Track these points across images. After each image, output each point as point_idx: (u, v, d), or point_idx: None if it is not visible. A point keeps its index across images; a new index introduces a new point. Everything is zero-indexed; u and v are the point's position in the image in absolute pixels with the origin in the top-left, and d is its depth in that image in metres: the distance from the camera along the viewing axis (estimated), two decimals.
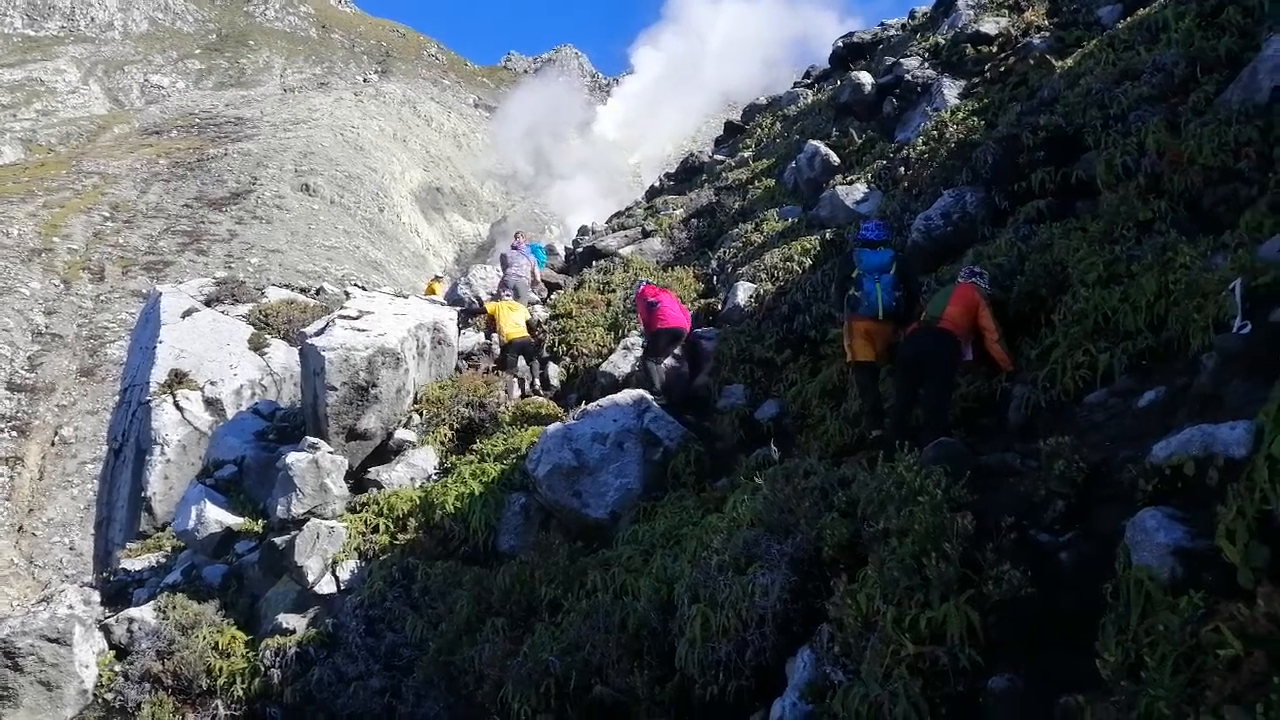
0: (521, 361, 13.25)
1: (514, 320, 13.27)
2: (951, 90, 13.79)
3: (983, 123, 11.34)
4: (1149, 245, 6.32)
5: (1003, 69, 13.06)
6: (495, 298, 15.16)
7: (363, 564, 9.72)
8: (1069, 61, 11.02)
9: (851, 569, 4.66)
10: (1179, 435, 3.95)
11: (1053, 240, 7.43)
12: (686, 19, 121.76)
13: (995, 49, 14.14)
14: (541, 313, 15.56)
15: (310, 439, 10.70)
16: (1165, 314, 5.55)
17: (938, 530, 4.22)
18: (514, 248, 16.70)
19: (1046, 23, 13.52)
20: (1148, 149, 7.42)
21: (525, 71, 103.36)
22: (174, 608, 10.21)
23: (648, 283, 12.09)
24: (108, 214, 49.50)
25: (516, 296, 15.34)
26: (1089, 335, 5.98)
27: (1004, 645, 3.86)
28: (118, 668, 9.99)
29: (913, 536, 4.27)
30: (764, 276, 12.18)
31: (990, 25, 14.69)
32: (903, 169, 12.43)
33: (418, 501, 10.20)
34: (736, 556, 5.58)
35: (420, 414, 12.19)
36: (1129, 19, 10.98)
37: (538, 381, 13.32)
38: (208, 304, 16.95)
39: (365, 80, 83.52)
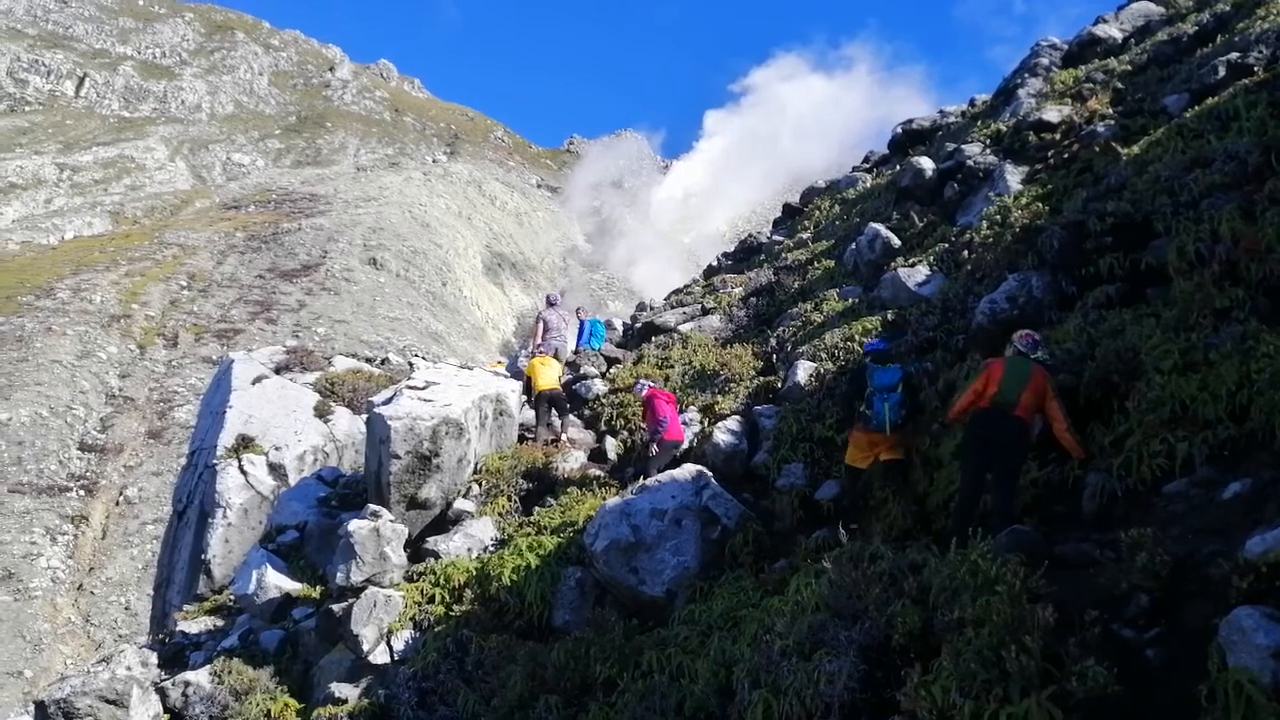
0: (554, 413, 14.03)
1: (547, 374, 14.13)
2: (1014, 176, 13.80)
3: (1047, 208, 11.30)
4: (1227, 333, 6.18)
5: (1066, 155, 13.05)
6: (535, 353, 15.44)
7: (417, 634, 9.70)
8: (1135, 149, 10.99)
9: (924, 659, 4.52)
10: (1275, 531, 3.80)
11: (1124, 326, 7.32)
12: (758, 101, 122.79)
13: (1058, 136, 14.15)
14: (600, 386, 15.69)
15: (372, 506, 10.84)
16: (1248, 404, 5.40)
17: (1017, 621, 4.08)
18: (550, 303, 17.10)
19: (1110, 111, 13.54)
20: (1222, 236, 7.31)
21: (587, 155, 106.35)
22: (229, 673, 10.27)
23: (651, 385, 12.13)
24: (185, 283, 51.74)
25: (556, 357, 15.84)
26: (1166, 423, 5.82)
27: None
28: None
29: (990, 627, 4.14)
30: (824, 355, 12.15)
31: (1053, 113, 14.73)
32: (965, 252, 12.39)
33: (474, 572, 10.19)
34: (801, 641, 5.45)
35: (480, 484, 12.28)
36: (1197, 108, 10.96)
37: (564, 433, 13.95)
38: (277, 371, 17.47)
39: (434, 161, 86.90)
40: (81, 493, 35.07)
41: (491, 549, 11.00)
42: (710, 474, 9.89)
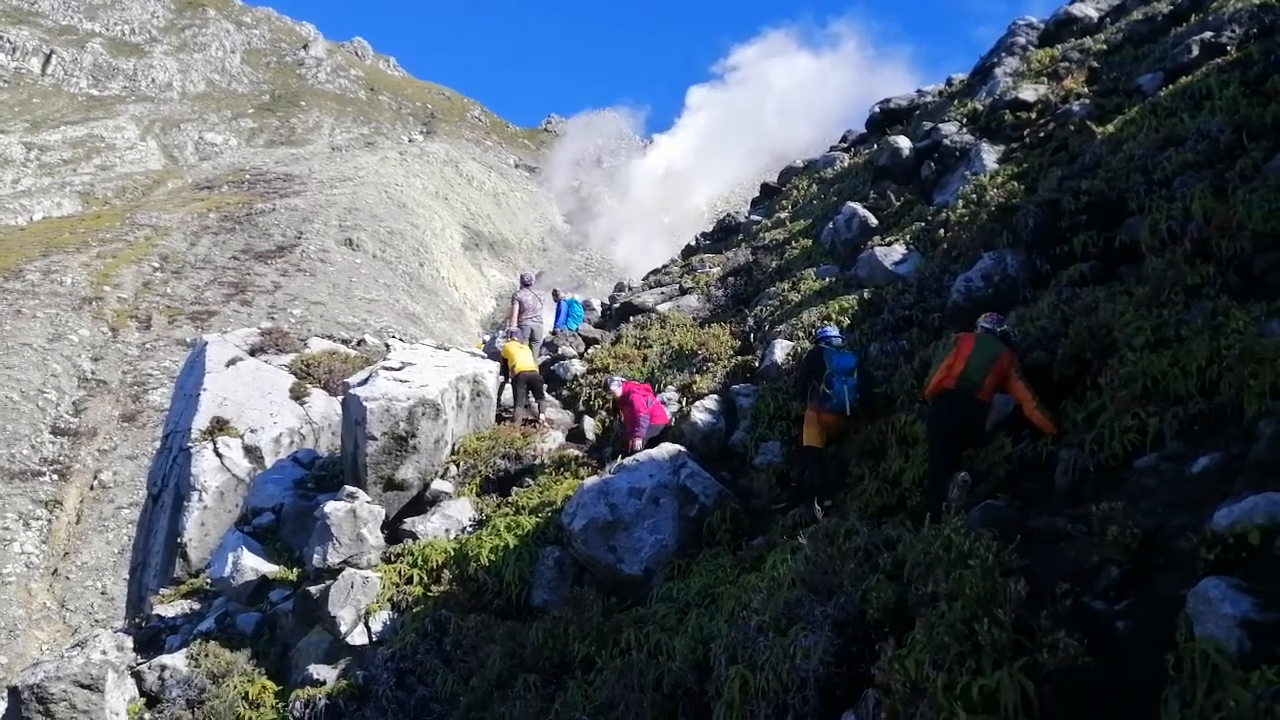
0: (531, 394, 14.13)
1: (524, 357, 14.27)
2: (990, 155, 13.84)
3: (1023, 187, 11.35)
4: (1198, 310, 6.24)
5: (1042, 134, 13.11)
6: (509, 336, 15.39)
7: (395, 615, 9.68)
8: (1110, 128, 11.05)
9: (898, 633, 4.56)
10: (1242, 503, 3.85)
11: (1097, 303, 7.37)
12: (743, 78, 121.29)
13: (1034, 115, 14.20)
14: (578, 367, 15.65)
15: (349, 488, 10.77)
16: (1218, 379, 5.46)
17: (989, 595, 4.12)
18: (525, 284, 17.07)
19: (1086, 90, 13.59)
20: (1194, 214, 7.38)
21: (565, 134, 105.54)
22: (206, 656, 10.21)
23: (624, 379, 12.23)
24: (157, 265, 50.99)
25: (532, 340, 15.88)
26: (1137, 399, 5.88)
27: (1059, 717, 3.73)
28: (147, 716, 9.96)
29: (963, 601, 4.18)
30: (802, 334, 12.17)
31: (1029, 92, 14.77)
32: (941, 231, 12.44)
33: (452, 553, 10.18)
34: (777, 617, 5.48)
35: (457, 465, 12.24)
36: (1170, 87, 11.02)
37: (542, 414, 14.10)
38: (252, 353, 17.26)
39: (410, 140, 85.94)
40: (55, 477, 34.66)
41: (469, 529, 10.98)
42: (688, 453, 9.92)
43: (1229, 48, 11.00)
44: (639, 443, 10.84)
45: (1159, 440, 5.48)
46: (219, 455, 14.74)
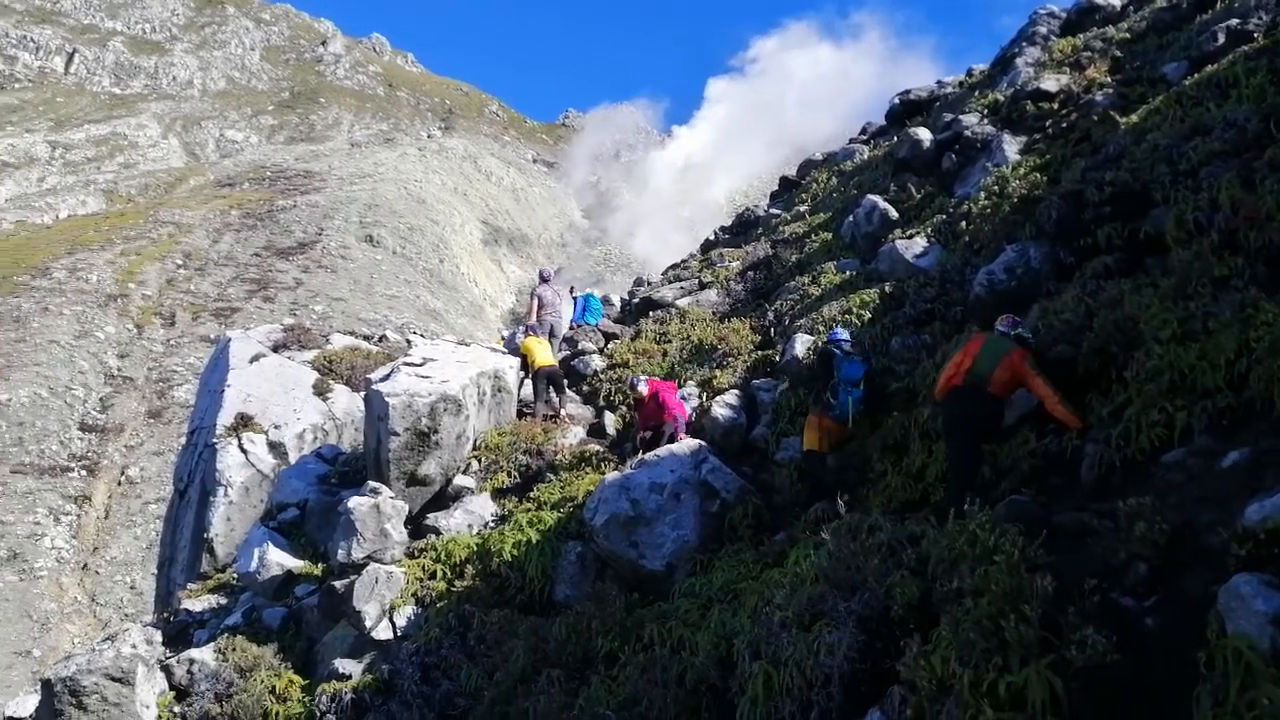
0: (552, 390, 14.09)
1: (543, 352, 14.21)
2: (1012, 146, 13.70)
3: (1045, 178, 11.23)
4: (1226, 302, 6.15)
5: (1065, 125, 12.96)
6: (529, 332, 15.39)
7: (420, 610, 9.76)
8: (1134, 118, 10.90)
9: (923, 629, 4.54)
10: (1274, 498, 3.80)
11: (1123, 296, 7.28)
12: (763, 70, 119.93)
13: (1056, 105, 14.04)
14: (598, 362, 15.68)
15: (372, 484, 10.87)
16: (1247, 372, 5.38)
17: (1016, 591, 4.10)
18: (544, 279, 17.03)
19: (1109, 80, 13.41)
20: (1221, 205, 7.26)
21: (582, 129, 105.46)
22: (234, 650, 10.34)
23: (647, 377, 12.08)
24: (181, 262, 51.54)
25: (551, 335, 15.87)
26: (1164, 393, 5.81)
27: (1088, 714, 3.71)
28: (177, 709, 10.10)
29: (989, 597, 4.15)
30: (822, 329, 12.13)
31: (1050, 82, 14.60)
32: (963, 224, 12.34)
33: (475, 548, 10.25)
34: (800, 613, 5.48)
35: (479, 461, 12.30)
36: (1196, 76, 10.86)
37: (562, 409, 14.07)
38: (275, 350, 17.43)
39: (429, 136, 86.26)
40: (83, 473, 35.18)
41: (492, 525, 11.05)
42: (709, 448, 9.92)
43: (1256, 35, 10.82)
44: (684, 436, 10.68)
45: (1187, 434, 5.42)
46: (244, 451, 14.90)
